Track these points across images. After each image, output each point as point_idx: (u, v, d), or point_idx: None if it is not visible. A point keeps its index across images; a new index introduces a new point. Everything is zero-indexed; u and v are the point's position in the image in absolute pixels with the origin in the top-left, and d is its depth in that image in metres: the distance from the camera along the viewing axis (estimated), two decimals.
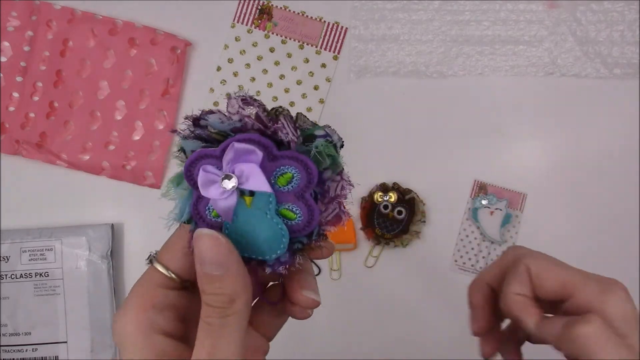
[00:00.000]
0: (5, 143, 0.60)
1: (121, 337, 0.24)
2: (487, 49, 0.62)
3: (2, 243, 0.59)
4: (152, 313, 0.25)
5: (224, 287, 0.23)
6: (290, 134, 0.23)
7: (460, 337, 0.62)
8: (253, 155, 0.23)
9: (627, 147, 0.61)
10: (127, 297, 0.25)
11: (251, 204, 0.24)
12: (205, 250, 0.23)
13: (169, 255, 0.26)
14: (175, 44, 0.60)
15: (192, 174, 0.24)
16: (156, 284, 0.25)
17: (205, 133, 0.24)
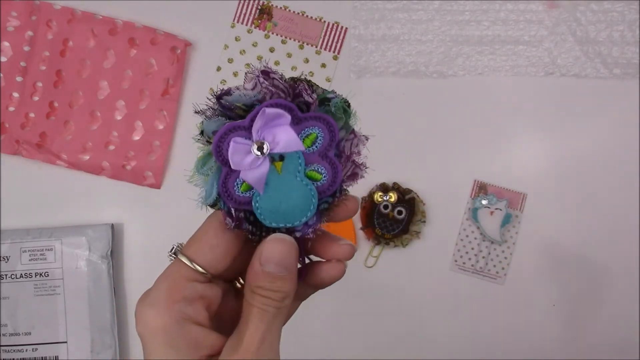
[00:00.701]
0: (5, 143, 0.60)
1: (152, 329, 0.25)
2: (487, 49, 0.62)
3: (2, 243, 0.59)
4: (182, 305, 0.25)
5: (283, 286, 0.25)
6: (310, 97, 0.25)
7: (460, 337, 0.62)
8: (282, 119, 0.24)
9: (627, 147, 0.61)
10: (152, 291, 0.26)
11: (282, 168, 0.25)
12: (276, 252, 0.25)
13: (195, 249, 0.27)
14: (175, 44, 0.60)
15: (222, 149, 0.24)
16: (183, 277, 0.26)
17: (226, 110, 0.24)
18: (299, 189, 0.25)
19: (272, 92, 0.24)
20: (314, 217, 0.26)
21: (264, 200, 0.25)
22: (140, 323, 0.25)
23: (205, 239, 0.27)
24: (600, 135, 0.61)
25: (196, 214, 0.30)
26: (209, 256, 0.26)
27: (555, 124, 0.62)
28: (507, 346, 0.61)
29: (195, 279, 0.26)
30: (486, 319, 0.61)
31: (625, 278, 0.61)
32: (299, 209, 0.25)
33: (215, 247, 0.26)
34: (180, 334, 0.25)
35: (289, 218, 0.25)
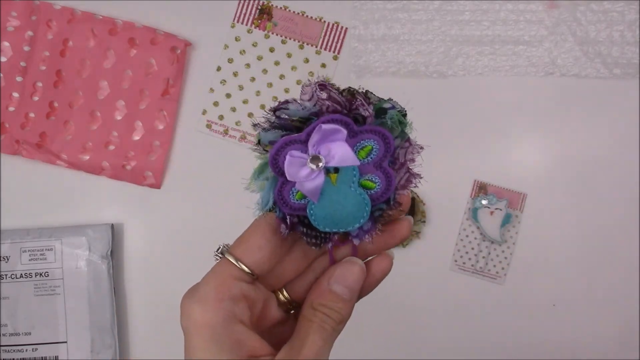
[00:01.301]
0: (5, 143, 0.60)
1: (198, 324, 0.25)
2: (487, 49, 0.62)
3: (2, 243, 0.59)
4: (229, 303, 0.26)
5: (344, 309, 0.27)
6: (367, 110, 0.25)
7: (459, 337, 0.62)
8: (339, 134, 0.25)
9: (627, 147, 0.61)
10: (201, 287, 0.26)
11: (336, 180, 0.26)
12: (348, 275, 0.27)
13: (242, 250, 0.27)
14: (175, 44, 0.60)
15: (278, 161, 0.25)
16: (231, 276, 0.27)
17: (283, 122, 0.25)
18: (352, 198, 0.26)
19: (328, 105, 0.25)
20: (368, 222, 0.27)
21: (318, 208, 0.26)
22: (186, 317, 0.26)
23: (252, 240, 0.27)
24: (600, 135, 0.61)
25: (196, 214, 0.30)
26: (256, 257, 0.27)
27: (555, 124, 0.62)
28: (507, 346, 0.61)
29: (241, 278, 0.27)
30: (486, 319, 0.61)
31: (625, 278, 0.61)
32: (352, 216, 0.26)
33: (262, 248, 0.27)
34: (225, 331, 0.25)
35: (343, 224, 0.26)
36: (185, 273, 0.63)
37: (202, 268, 0.67)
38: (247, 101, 0.62)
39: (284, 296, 0.30)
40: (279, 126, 0.26)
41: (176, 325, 0.66)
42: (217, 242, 0.67)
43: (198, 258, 0.64)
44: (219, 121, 0.62)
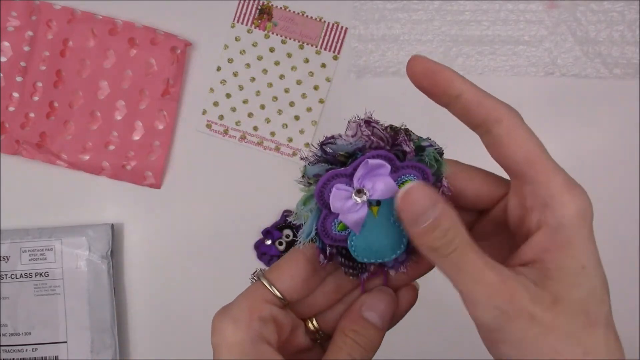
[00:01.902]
0: (5, 143, 0.60)
1: (229, 342, 0.26)
2: (487, 49, 0.62)
3: (2, 243, 0.59)
4: (259, 324, 0.27)
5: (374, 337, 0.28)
6: (409, 146, 0.27)
7: (459, 337, 0.62)
8: (383, 169, 0.26)
9: (627, 147, 0.61)
10: (234, 307, 0.27)
11: (378, 212, 0.27)
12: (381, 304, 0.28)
13: (276, 275, 0.28)
14: (175, 44, 0.60)
15: (324, 194, 0.26)
16: (263, 299, 0.28)
17: (328, 156, 0.27)
18: (391, 230, 0.27)
19: (372, 141, 0.26)
20: (403, 254, 0.28)
21: (359, 239, 0.27)
22: (218, 335, 0.27)
23: (287, 267, 0.28)
24: (600, 135, 0.61)
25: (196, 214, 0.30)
26: (288, 284, 0.28)
27: (555, 124, 0.62)
28: None
29: (272, 302, 0.28)
30: None
31: (625, 278, 0.61)
32: (390, 248, 0.28)
33: (294, 277, 0.28)
34: (253, 351, 0.26)
35: (380, 255, 0.28)
36: (185, 273, 0.63)
37: (202, 268, 0.67)
38: (247, 101, 0.62)
39: (312, 325, 0.31)
40: (324, 160, 0.27)
41: (176, 325, 0.66)
42: (217, 242, 0.67)
43: (198, 258, 0.64)
44: (219, 121, 0.62)
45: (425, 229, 0.24)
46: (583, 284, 0.25)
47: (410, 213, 0.24)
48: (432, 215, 0.24)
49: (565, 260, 0.25)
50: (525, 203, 0.27)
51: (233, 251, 0.61)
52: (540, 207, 0.26)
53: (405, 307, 0.31)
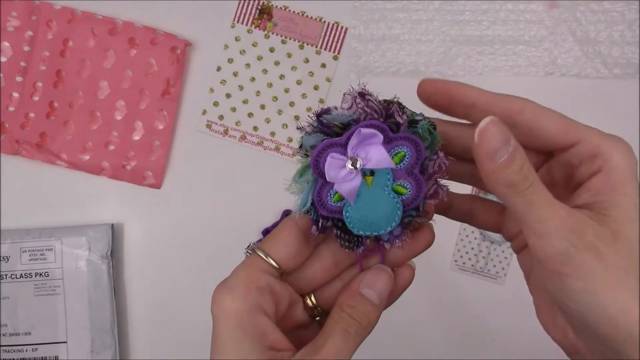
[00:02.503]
0: (5, 143, 0.60)
1: (226, 311, 0.27)
2: (487, 49, 0.62)
3: (2, 243, 0.59)
4: (256, 294, 0.27)
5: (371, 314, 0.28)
6: (402, 118, 0.27)
7: (460, 337, 0.62)
8: (375, 138, 0.27)
9: None
10: (231, 278, 0.28)
11: (372, 182, 0.27)
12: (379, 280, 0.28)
13: (270, 245, 0.29)
14: (175, 44, 0.60)
15: (319, 162, 0.27)
16: (259, 269, 0.28)
17: (324, 127, 0.27)
18: (386, 201, 0.28)
19: (366, 113, 0.27)
20: (398, 227, 0.28)
21: (354, 210, 0.28)
22: (216, 305, 0.27)
23: (280, 237, 0.29)
24: None
25: (196, 214, 0.31)
26: (282, 253, 0.29)
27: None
28: (507, 346, 0.61)
29: (269, 272, 0.29)
30: (486, 319, 0.61)
31: None
32: (385, 219, 0.28)
33: (288, 245, 0.29)
34: (251, 320, 0.27)
35: (375, 227, 0.28)
36: (185, 273, 0.63)
37: (202, 267, 0.67)
38: (247, 101, 0.62)
39: (311, 301, 0.32)
40: (321, 131, 0.28)
41: (176, 325, 0.66)
42: (217, 242, 0.67)
43: (198, 258, 0.64)
44: (219, 121, 0.62)
45: (503, 164, 0.25)
46: (638, 219, 0.26)
47: (488, 148, 0.25)
48: (508, 150, 0.25)
49: (619, 198, 0.26)
50: (570, 162, 0.28)
51: (233, 251, 0.61)
52: (588, 159, 0.27)
53: (402, 286, 0.32)
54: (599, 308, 0.25)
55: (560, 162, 0.29)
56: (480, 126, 0.25)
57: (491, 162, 0.25)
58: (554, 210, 0.25)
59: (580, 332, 0.28)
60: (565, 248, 0.25)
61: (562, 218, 0.25)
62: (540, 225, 0.25)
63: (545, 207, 0.25)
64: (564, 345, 0.30)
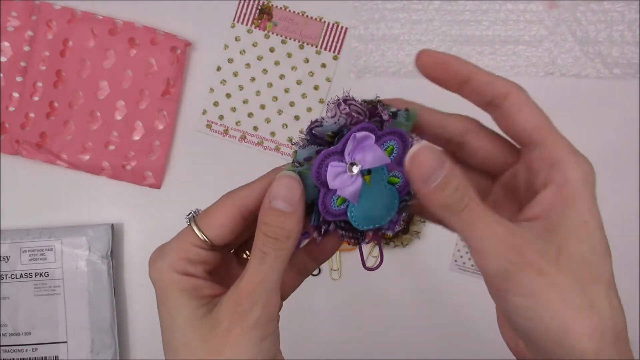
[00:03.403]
0: (5, 143, 0.60)
1: (161, 274, 0.29)
2: (487, 49, 0.62)
3: (2, 243, 0.59)
4: (185, 263, 0.29)
5: (286, 223, 0.27)
6: (387, 114, 0.29)
7: (460, 336, 0.62)
8: (369, 140, 0.28)
9: (627, 147, 0.61)
10: (166, 246, 0.30)
11: (370, 180, 0.29)
12: (282, 187, 0.27)
13: (205, 222, 0.30)
14: (175, 44, 0.60)
15: (321, 173, 0.28)
16: (191, 242, 0.30)
17: (316, 138, 0.29)
18: (385, 194, 0.29)
19: (352, 117, 0.28)
20: (395, 214, 0.30)
21: (357, 209, 0.29)
22: (153, 269, 0.29)
23: (216, 217, 0.30)
24: (600, 136, 0.61)
25: None
26: (216, 232, 0.30)
27: (555, 124, 0.62)
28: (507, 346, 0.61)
29: (200, 245, 0.30)
30: (486, 318, 0.61)
31: (625, 278, 0.61)
32: (386, 210, 0.30)
33: (223, 225, 0.30)
34: (183, 281, 0.29)
35: (378, 219, 0.30)
36: None
37: None
38: (247, 101, 0.62)
39: (246, 254, 0.33)
40: (313, 143, 0.29)
41: None
42: None
43: None
44: (219, 121, 0.62)
45: (435, 188, 0.26)
46: (585, 238, 0.26)
47: (420, 173, 0.26)
48: (441, 174, 0.26)
49: (569, 214, 0.26)
50: (532, 167, 0.28)
51: None
52: (547, 167, 0.28)
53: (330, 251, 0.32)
54: (542, 325, 0.25)
55: (524, 166, 0.29)
56: (411, 152, 0.26)
57: (424, 185, 0.26)
58: (492, 229, 0.26)
59: (528, 345, 0.28)
60: (504, 266, 0.25)
61: (500, 236, 0.25)
62: (479, 244, 0.26)
63: (483, 227, 0.26)
64: (516, 353, 0.30)
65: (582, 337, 0.25)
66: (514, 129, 0.29)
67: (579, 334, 0.24)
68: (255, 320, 0.27)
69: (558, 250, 0.25)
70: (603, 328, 0.25)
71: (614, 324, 0.26)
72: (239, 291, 0.28)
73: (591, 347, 0.25)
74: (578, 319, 0.25)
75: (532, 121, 0.29)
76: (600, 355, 0.25)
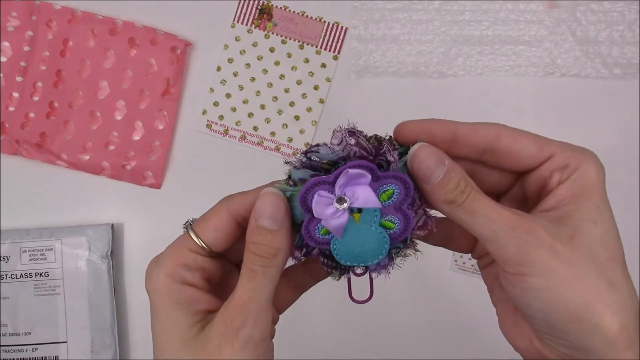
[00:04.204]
0: (5, 143, 0.60)
1: (157, 285, 0.29)
2: (487, 49, 0.62)
3: (2, 243, 0.59)
4: (182, 269, 0.29)
5: (273, 241, 0.27)
6: (392, 156, 0.28)
7: (460, 337, 0.62)
8: (363, 178, 0.27)
9: (627, 147, 0.61)
10: (161, 256, 0.30)
11: (359, 219, 0.28)
12: (267, 206, 0.27)
13: (202, 227, 0.30)
14: (175, 44, 0.60)
15: (307, 199, 0.27)
16: (188, 248, 0.30)
17: (313, 163, 0.28)
18: (373, 236, 0.28)
19: (355, 151, 0.28)
20: (385, 258, 0.29)
21: (341, 244, 0.28)
22: (148, 280, 0.29)
23: (212, 221, 0.30)
24: (600, 136, 0.61)
25: (196, 214, 0.31)
26: (212, 236, 0.30)
27: (555, 124, 0.62)
28: (507, 346, 0.61)
29: (197, 251, 0.30)
30: (486, 319, 0.61)
31: None
32: (372, 253, 0.29)
33: (219, 230, 0.30)
34: (180, 291, 0.29)
35: (362, 259, 0.29)
36: None
37: None
38: (247, 101, 0.62)
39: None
40: (309, 166, 0.28)
41: None
42: None
43: None
44: (219, 121, 0.62)
45: (438, 184, 0.26)
46: (600, 221, 0.27)
47: (421, 172, 0.27)
48: (442, 170, 0.26)
49: (583, 201, 0.27)
50: (544, 176, 0.29)
51: None
52: (559, 170, 0.28)
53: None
54: (561, 304, 0.25)
55: (534, 177, 0.29)
56: (411, 152, 0.27)
57: (427, 184, 0.27)
58: (498, 212, 0.26)
59: (545, 336, 0.28)
60: (517, 247, 0.25)
61: (509, 219, 0.26)
62: (488, 230, 0.26)
63: (489, 213, 0.26)
64: (529, 353, 0.30)
65: (605, 314, 0.24)
66: (519, 161, 0.29)
67: (601, 311, 0.24)
68: (246, 339, 0.27)
69: (572, 233, 0.26)
70: (624, 305, 0.25)
71: (632, 302, 0.26)
72: (229, 309, 0.28)
73: (615, 323, 0.24)
74: (598, 296, 0.25)
75: (532, 145, 0.29)
76: (625, 332, 0.25)
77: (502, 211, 0.26)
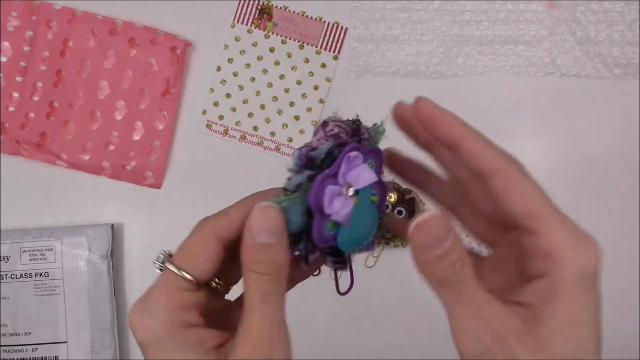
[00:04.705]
0: (5, 143, 0.60)
1: (155, 336, 0.26)
2: (487, 49, 0.62)
3: (2, 243, 0.59)
4: (181, 313, 0.26)
5: (276, 255, 0.25)
6: (367, 133, 0.29)
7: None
8: (358, 160, 0.28)
9: (627, 147, 0.61)
10: (151, 301, 0.27)
11: (357, 201, 0.28)
12: (263, 220, 0.25)
13: (189, 260, 0.27)
14: (175, 44, 0.60)
15: (320, 197, 0.27)
16: (178, 287, 0.27)
17: (307, 164, 0.28)
18: (368, 212, 0.29)
19: (338, 136, 0.28)
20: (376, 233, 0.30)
21: (346, 232, 0.28)
22: (141, 332, 0.27)
23: (200, 251, 0.27)
24: (600, 136, 0.61)
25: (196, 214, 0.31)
26: (202, 268, 0.27)
27: (555, 124, 0.62)
28: None
29: (188, 288, 0.27)
30: None
31: (625, 278, 0.61)
32: (368, 230, 0.29)
33: (208, 260, 0.27)
34: (184, 337, 0.26)
35: (362, 240, 0.29)
36: None
37: None
38: (247, 101, 0.62)
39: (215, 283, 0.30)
40: (302, 168, 0.28)
41: None
42: None
43: None
44: (219, 121, 0.62)
45: (434, 258, 0.24)
46: (572, 338, 0.25)
47: (423, 241, 0.24)
48: (444, 246, 0.24)
49: (559, 311, 0.25)
50: (527, 250, 0.26)
51: None
52: (542, 257, 0.25)
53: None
54: None
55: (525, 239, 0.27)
56: (423, 218, 0.24)
57: (422, 254, 0.24)
58: (479, 311, 0.25)
59: None
60: (481, 351, 0.24)
61: (484, 321, 0.24)
62: (461, 323, 0.25)
63: (470, 307, 0.25)
64: None
65: None
66: (502, 212, 0.26)
67: None
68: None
69: (540, 345, 0.24)
70: None
71: None
72: (252, 340, 0.25)
73: None
74: None
75: (522, 206, 0.26)
76: None
77: (484, 310, 0.25)
